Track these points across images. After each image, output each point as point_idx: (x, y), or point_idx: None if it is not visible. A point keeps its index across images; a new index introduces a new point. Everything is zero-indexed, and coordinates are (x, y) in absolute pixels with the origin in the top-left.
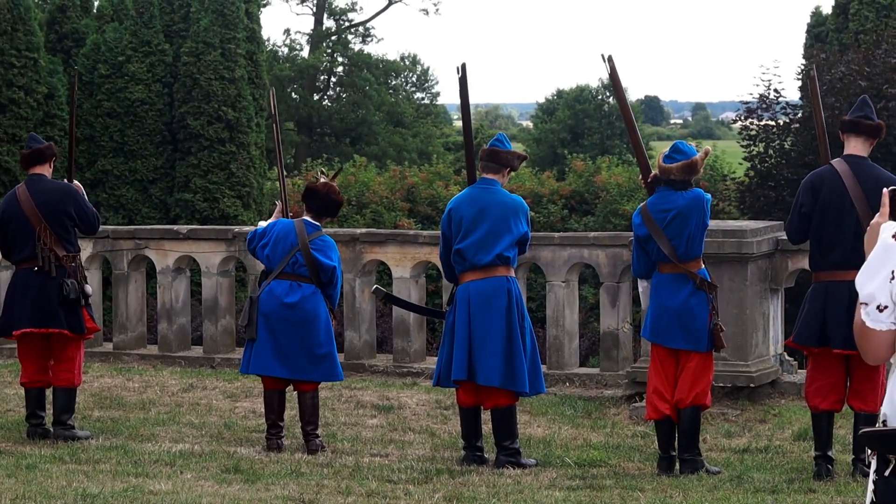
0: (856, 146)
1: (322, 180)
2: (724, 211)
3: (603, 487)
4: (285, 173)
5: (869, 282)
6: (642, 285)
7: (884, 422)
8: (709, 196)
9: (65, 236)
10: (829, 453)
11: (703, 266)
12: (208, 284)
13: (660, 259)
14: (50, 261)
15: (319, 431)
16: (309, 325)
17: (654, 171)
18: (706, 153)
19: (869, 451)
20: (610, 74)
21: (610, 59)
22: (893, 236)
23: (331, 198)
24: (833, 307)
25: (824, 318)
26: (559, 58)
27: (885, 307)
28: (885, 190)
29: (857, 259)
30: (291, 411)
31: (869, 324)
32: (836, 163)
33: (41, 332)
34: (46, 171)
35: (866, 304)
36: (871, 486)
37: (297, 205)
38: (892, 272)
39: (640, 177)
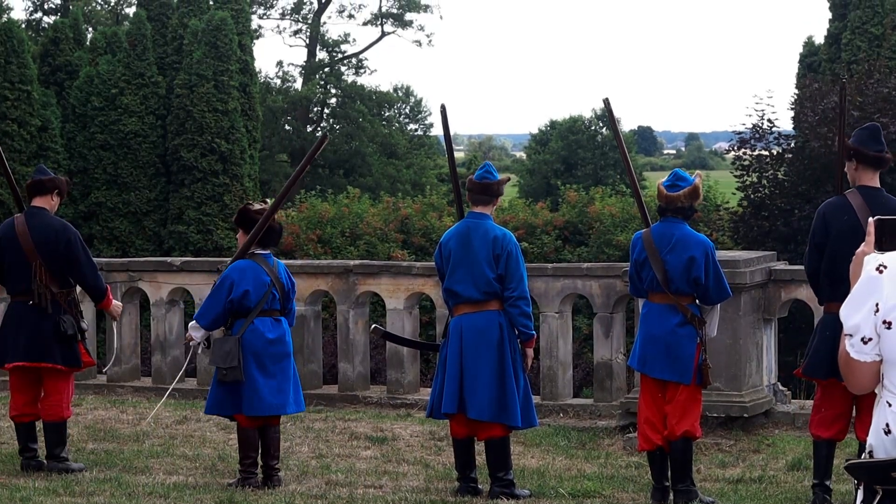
0: (872, 178)
1: (258, 206)
2: (717, 241)
3: None
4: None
5: (854, 314)
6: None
7: (870, 452)
8: (712, 244)
9: (59, 273)
10: (827, 482)
11: (696, 304)
12: None
13: (651, 288)
14: (46, 297)
15: (313, 462)
16: (289, 359)
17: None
18: (699, 177)
19: (855, 482)
20: (609, 121)
21: (606, 101)
22: (877, 268)
23: (281, 231)
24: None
25: (833, 350)
26: (552, 89)
27: (870, 339)
28: (870, 219)
29: None
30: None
31: (853, 355)
32: (850, 195)
33: (34, 366)
34: (48, 203)
35: (851, 335)
36: None
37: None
38: (877, 304)
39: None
